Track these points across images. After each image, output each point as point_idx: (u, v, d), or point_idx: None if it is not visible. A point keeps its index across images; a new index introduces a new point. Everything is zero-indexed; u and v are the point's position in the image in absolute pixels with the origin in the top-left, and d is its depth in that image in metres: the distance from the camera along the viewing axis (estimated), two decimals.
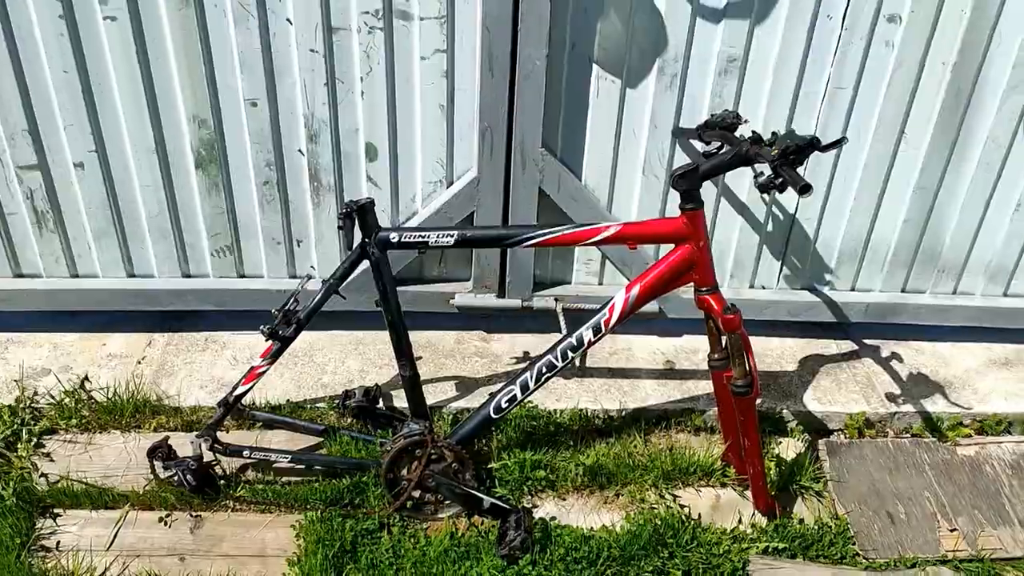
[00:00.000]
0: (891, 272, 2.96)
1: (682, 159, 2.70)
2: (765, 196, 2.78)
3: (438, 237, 2.23)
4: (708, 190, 2.75)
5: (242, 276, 2.89)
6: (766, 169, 2.01)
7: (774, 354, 2.99)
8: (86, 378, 2.68)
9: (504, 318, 3.05)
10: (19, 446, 2.49)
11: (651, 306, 2.91)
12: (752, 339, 3.02)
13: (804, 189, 1.87)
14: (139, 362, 2.82)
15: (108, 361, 2.82)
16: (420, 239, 2.23)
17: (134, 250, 2.81)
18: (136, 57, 2.44)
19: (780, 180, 1.95)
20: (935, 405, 2.83)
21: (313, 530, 2.32)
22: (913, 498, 2.58)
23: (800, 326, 3.08)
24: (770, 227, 2.85)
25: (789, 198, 2.79)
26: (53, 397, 2.62)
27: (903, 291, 3.01)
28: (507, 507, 2.37)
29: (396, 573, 2.26)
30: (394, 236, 2.24)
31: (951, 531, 2.50)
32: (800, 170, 2.04)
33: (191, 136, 2.60)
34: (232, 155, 2.65)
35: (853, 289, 3.01)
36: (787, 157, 1.95)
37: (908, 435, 2.78)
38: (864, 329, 3.09)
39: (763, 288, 2.99)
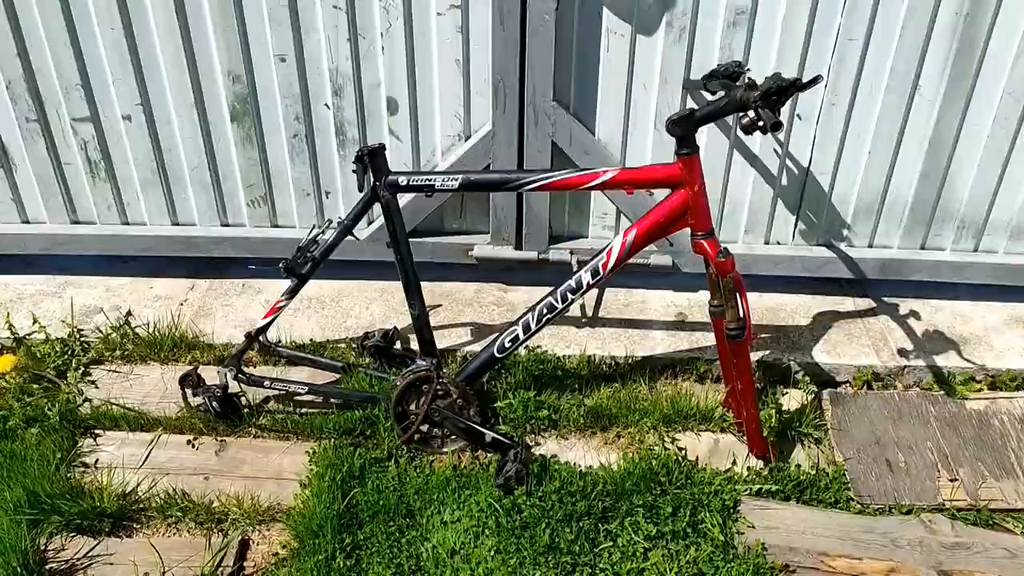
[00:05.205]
0: (909, 228, 2.95)
1: None
2: (778, 148, 2.82)
3: (444, 180, 2.35)
4: (721, 142, 2.81)
5: (275, 226, 3.08)
6: None
7: (787, 309, 3.02)
8: (129, 313, 2.90)
9: (523, 271, 3.15)
10: (68, 374, 2.73)
11: (664, 259, 2.99)
12: (766, 295, 3.07)
13: (775, 126, 1.92)
14: (181, 304, 3.04)
15: (154, 302, 3.05)
16: (427, 182, 2.36)
17: (177, 200, 3.02)
18: (175, 15, 2.63)
19: (761, 122, 2.00)
20: (947, 360, 2.81)
21: (325, 456, 2.49)
22: (915, 448, 2.59)
23: (816, 282, 3.09)
24: (784, 180, 2.88)
25: (802, 150, 2.81)
26: (101, 331, 2.86)
27: (922, 248, 2.99)
28: (508, 442, 2.48)
29: (399, 498, 2.41)
30: (403, 179, 2.36)
31: (951, 481, 2.51)
32: (786, 110, 2.09)
33: (226, 91, 2.78)
34: (264, 109, 2.82)
35: (871, 245, 3.00)
36: (769, 98, 2.00)
37: (916, 388, 2.78)
38: (882, 286, 3.08)
39: (778, 244, 3.01)
